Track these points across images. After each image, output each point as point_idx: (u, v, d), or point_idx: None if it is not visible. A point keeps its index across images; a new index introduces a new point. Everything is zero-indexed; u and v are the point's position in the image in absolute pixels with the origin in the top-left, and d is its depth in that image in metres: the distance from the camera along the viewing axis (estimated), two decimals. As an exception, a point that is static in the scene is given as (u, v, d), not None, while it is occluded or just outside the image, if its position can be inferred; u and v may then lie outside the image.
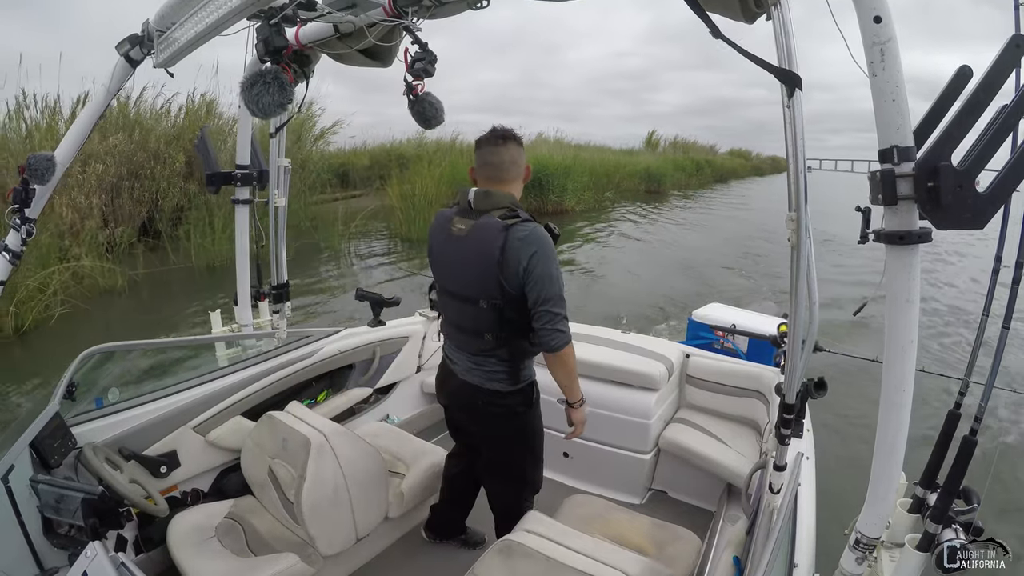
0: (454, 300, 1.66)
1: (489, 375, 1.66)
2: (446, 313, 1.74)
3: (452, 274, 1.66)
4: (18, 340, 5.23)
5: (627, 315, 3.63)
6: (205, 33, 1.37)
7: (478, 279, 1.55)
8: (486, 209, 1.56)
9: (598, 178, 16.01)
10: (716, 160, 31.55)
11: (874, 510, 1.13)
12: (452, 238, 1.60)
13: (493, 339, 1.60)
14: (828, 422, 3.59)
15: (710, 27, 1.09)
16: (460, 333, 1.69)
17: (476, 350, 1.66)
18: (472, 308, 1.58)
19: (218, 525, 1.81)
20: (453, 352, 1.76)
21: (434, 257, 1.72)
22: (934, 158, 0.92)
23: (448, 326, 1.75)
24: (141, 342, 2.08)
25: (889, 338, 1.02)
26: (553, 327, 1.52)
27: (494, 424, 1.73)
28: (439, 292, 1.74)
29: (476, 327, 1.61)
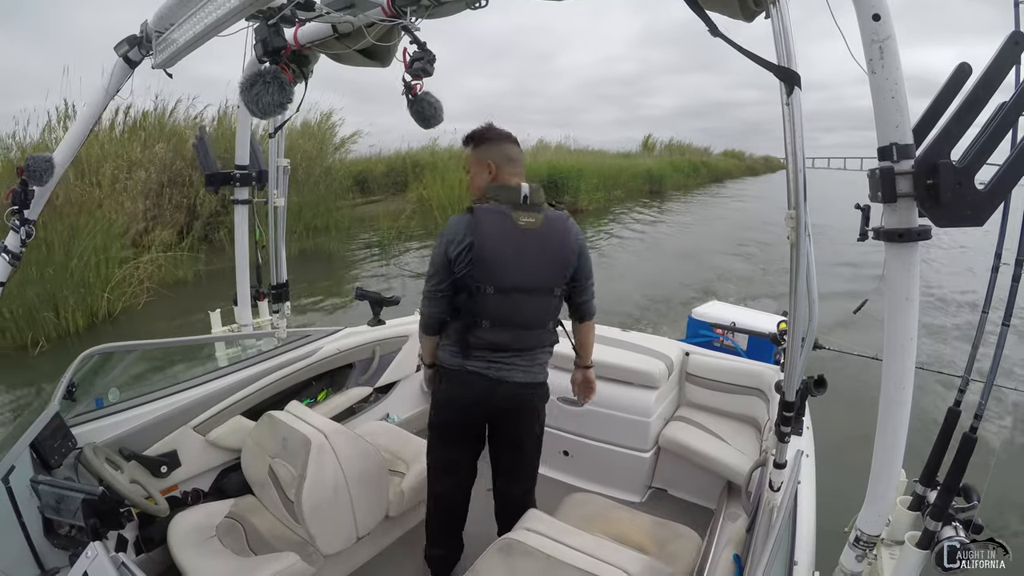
0: (522, 294, 1.60)
1: (541, 367, 1.74)
2: (505, 314, 1.61)
3: (526, 268, 1.59)
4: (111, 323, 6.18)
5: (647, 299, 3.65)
6: (204, 34, 1.37)
7: (558, 268, 1.63)
8: (540, 202, 1.63)
9: (606, 180, 17.05)
10: (711, 161, 32.42)
11: (874, 508, 1.13)
12: (522, 232, 1.58)
13: (551, 327, 1.70)
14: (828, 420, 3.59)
15: (709, 26, 1.09)
16: (525, 331, 1.65)
17: (539, 343, 1.68)
18: (546, 299, 1.63)
19: (219, 525, 1.81)
20: (496, 360, 1.65)
21: (491, 255, 1.57)
22: (933, 155, 0.92)
23: (505, 331, 1.62)
24: (141, 342, 2.09)
25: (889, 335, 1.02)
26: (593, 297, 1.76)
27: (537, 417, 1.79)
28: (492, 295, 1.58)
29: (545, 317, 1.66)
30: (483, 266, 1.57)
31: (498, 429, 1.80)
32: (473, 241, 1.56)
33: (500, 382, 1.66)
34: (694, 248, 11.25)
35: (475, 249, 1.56)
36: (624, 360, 2.48)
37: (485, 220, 1.58)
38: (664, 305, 7.11)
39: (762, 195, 22.00)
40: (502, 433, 1.81)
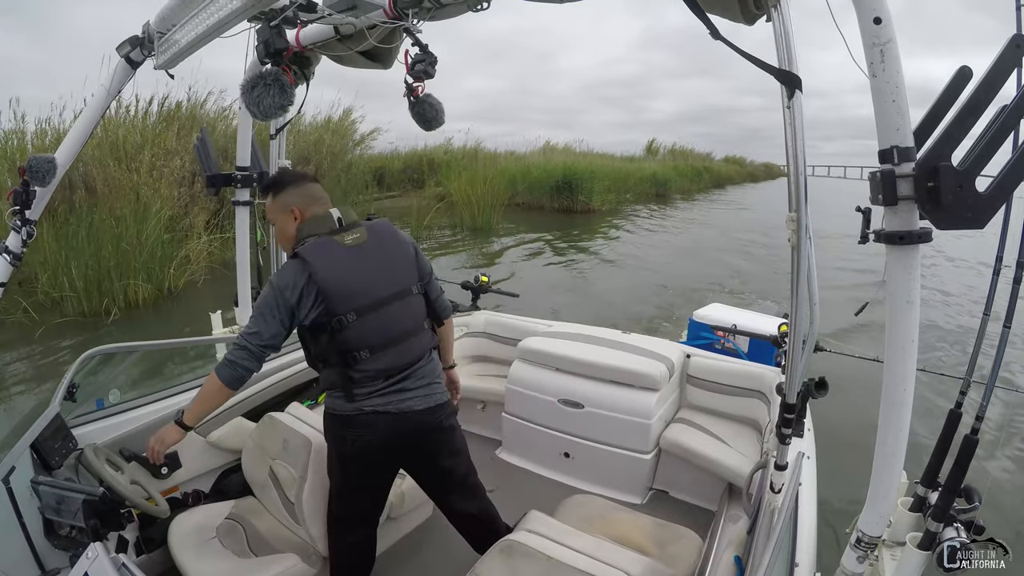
0: (389, 305, 1.54)
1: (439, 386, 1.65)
2: (380, 333, 1.53)
3: (375, 279, 1.53)
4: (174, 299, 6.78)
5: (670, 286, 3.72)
6: (206, 35, 1.37)
7: (404, 266, 1.62)
8: (355, 220, 1.62)
9: (616, 182, 17.54)
10: (713, 167, 32.60)
11: (875, 509, 1.13)
12: (352, 250, 1.52)
13: (428, 326, 1.68)
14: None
15: (710, 29, 1.09)
16: (407, 344, 1.56)
17: (423, 349, 1.61)
18: (409, 300, 1.61)
19: (219, 526, 1.81)
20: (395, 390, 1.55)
21: (334, 283, 1.47)
22: (934, 158, 0.92)
23: (387, 352, 1.53)
24: (142, 343, 2.08)
25: (890, 338, 1.02)
26: (443, 293, 1.77)
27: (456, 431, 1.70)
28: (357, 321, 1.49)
29: (418, 319, 1.63)
30: (333, 297, 1.47)
31: (417, 463, 1.70)
32: (311, 278, 1.45)
33: (402, 415, 1.54)
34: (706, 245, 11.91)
35: (318, 285, 1.45)
36: (625, 362, 2.49)
37: (314, 255, 1.48)
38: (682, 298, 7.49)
39: (766, 201, 22.18)
40: (423, 466, 1.70)
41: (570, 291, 8.01)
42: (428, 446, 1.65)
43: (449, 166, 14.33)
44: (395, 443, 1.58)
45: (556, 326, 3.01)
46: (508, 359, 2.83)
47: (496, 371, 3.04)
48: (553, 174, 15.07)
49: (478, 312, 3.28)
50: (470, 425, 3.12)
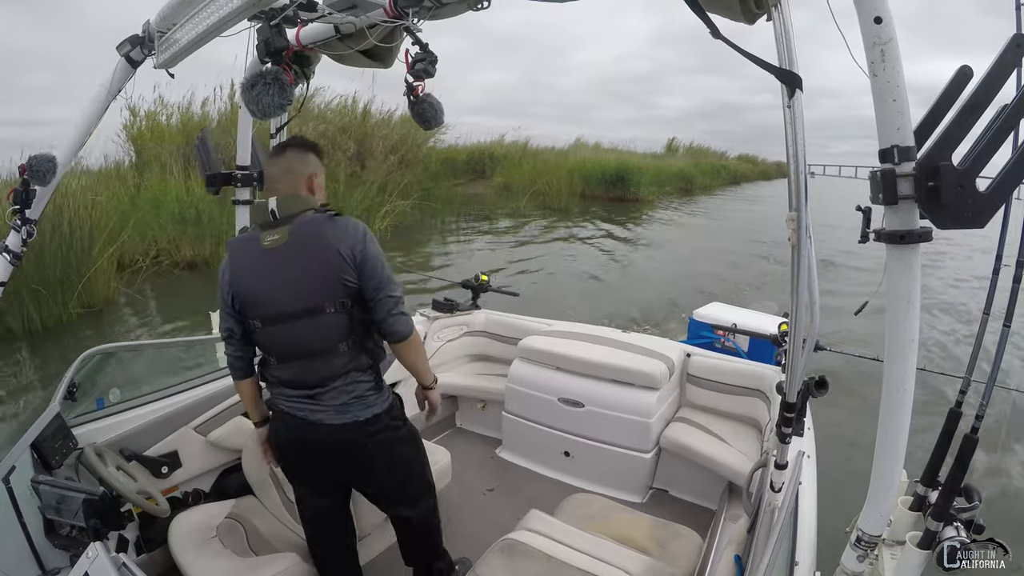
0: (295, 321, 1.39)
1: (359, 401, 1.45)
2: (284, 347, 1.44)
3: (283, 291, 1.39)
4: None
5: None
6: (206, 34, 1.37)
7: (318, 281, 1.36)
8: (296, 212, 1.40)
9: (655, 177, 20.49)
10: (729, 165, 34.29)
11: (875, 508, 1.13)
12: (266, 254, 1.38)
13: (349, 348, 1.41)
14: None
15: (710, 28, 1.09)
16: (312, 361, 1.42)
17: (337, 371, 1.42)
18: (318, 319, 1.38)
19: (219, 525, 1.81)
20: (302, 401, 1.46)
21: (243, 290, 1.43)
22: (935, 158, 0.92)
23: (291, 366, 1.45)
24: (141, 342, 2.08)
25: (890, 337, 1.02)
26: (397, 313, 1.42)
27: (386, 454, 1.52)
28: (264, 329, 1.43)
29: (329, 341, 1.40)
30: (242, 300, 1.44)
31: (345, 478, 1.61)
32: (225, 277, 1.44)
33: (313, 424, 1.45)
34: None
35: (232, 285, 1.44)
36: (625, 361, 2.49)
37: (234, 252, 1.46)
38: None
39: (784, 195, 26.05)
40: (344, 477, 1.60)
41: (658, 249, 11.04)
42: (350, 460, 1.51)
43: (507, 159, 17.31)
44: (308, 448, 1.49)
45: (556, 325, 3.01)
46: (508, 358, 2.83)
47: (496, 370, 3.04)
48: (607, 169, 17.91)
49: (478, 311, 3.28)
50: (470, 424, 3.13)
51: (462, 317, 3.20)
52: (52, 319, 5.52)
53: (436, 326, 3.07)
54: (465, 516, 2.33)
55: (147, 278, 6.85)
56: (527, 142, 18.96)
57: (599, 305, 7.03)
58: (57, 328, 5.52)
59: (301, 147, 1.51)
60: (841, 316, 4.05)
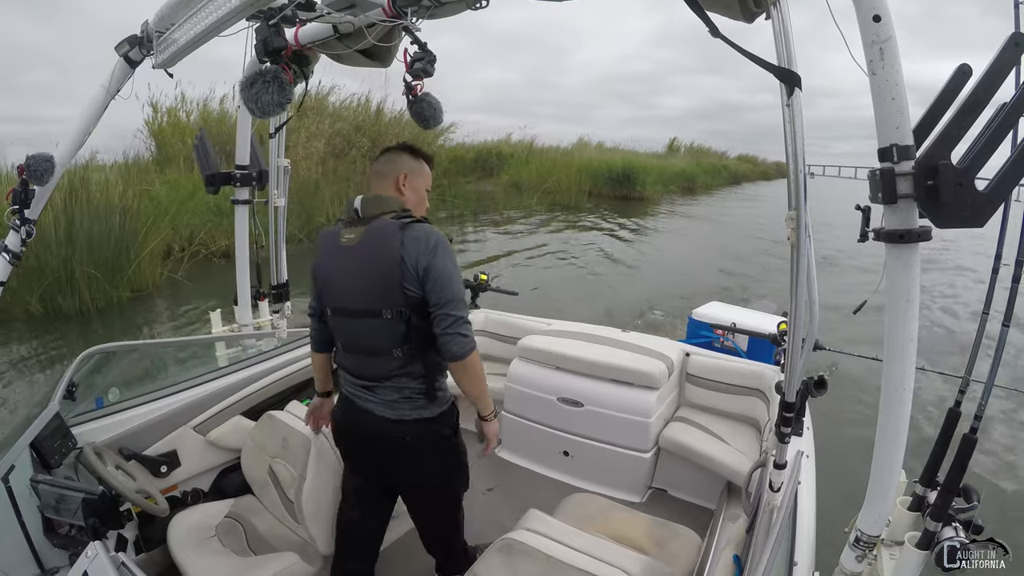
0: (355, 319, 1.48)
1: (408, 401, 1.49)
2: (346, 339, 1.54)
3: (349, 288, 1.47)
4: None
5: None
6: (204, 34, 1.37)
7: (379, 288, 1.41)
8: (376, 214, 1.46)
9: (659, 176, 21.18)
10: (730, 165, 34.82)
11: (874, 508, 1.13)
12: (343, 252, 1.46)
13: (403, 355, 1.44)
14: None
15: (709, 27, 1.09)
16: (369, 358, 1.49)
17: (389, 372, 1.47)
18: (375, 322, 1.43)
19: (218, 524, 1.81)
20: (359, 389, 1.54)
21: (322, 277, 1.53)
22: (934, 156, 0.92)
23: (351, 356, 1.54)
24: (141, 342, 2.08)
25: (889, 336, 1.02)
26: (456, 331, 1.40)
27: (423, 458, 1.55)
28: (332, 317, 1.54)
29: (383, 344, 1.45)
30: (320, 287, 1.55)
31: (380, 468, 1.61)
32: (315, 263, 1.55)
33: (364, 412, 1.52)
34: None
35: (315, 270, 1.55)
36: (624, 361, 2.49)
37: (321, 241, 1.55)
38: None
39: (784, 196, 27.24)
40: (386, 474, 1.62)
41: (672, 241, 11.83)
42: (389, 454, 1.54)
43: (513, 157, 17.83)
44: (357, 432, 1.58)
45: (556, 324, 3.01)
46: (508, 357, 2.83)
47: (495, 369, 3.04)
48: (614, 168, 18.49)
49: (478, 311, 3.28)
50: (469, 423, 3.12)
51: None
52: (104, 301, 6.04)
53: None
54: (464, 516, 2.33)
55: (187, 265, 7.48)
56: (532, 141, 19.48)
57: (623, 291, 7.76)
58: (108, 309, 6.04)
59: (397, 149, 1.59)
60: (838, 313, 4.06)
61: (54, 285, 5.79)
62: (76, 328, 5.69)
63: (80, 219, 6.11)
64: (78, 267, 5.82)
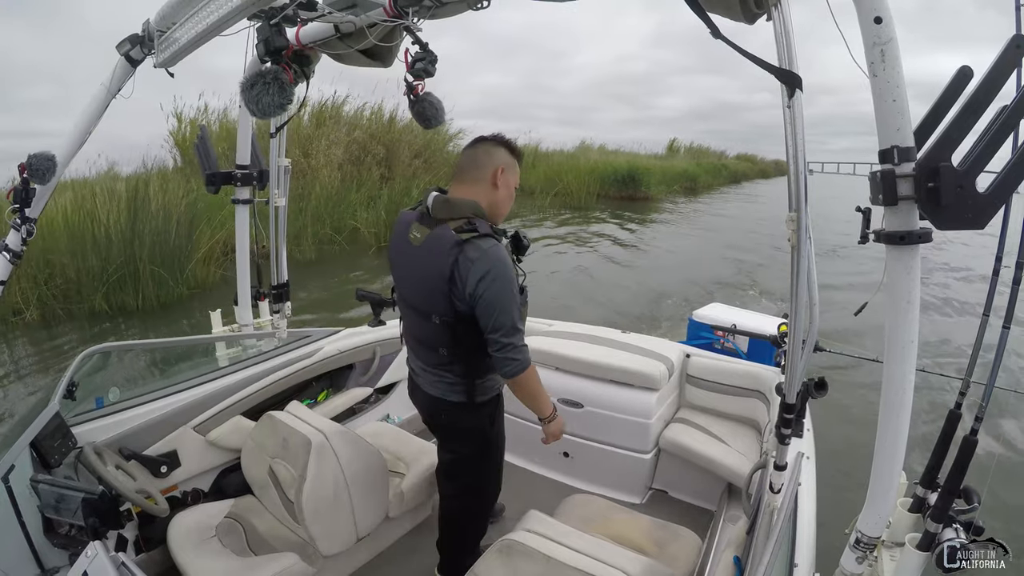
0: (410, 310, 1.60)
1: (449, 387, 1.60)
2: (405, 322, 1.68)
3: (408, 284, 1.60)
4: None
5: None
6: (206, 33, 1.37)
7: (429, 294, 1.47)
8: (444, 218, 1.47)
9: (662, 177, 21.72)
10: (729, 164, 35.33)
11: (875, 509, 1.13)
12: (408, 247, 1.53)
13: (448, 354, 1.53)
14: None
15: (710, 28, 1.09)
16: (419, 345, 1.64)
17: (434, 363, 1.60)
18: (426, 322, 1.52)
19: (218, 525, 1.81)
20: (414, 362, 1.71)
21: (393, 262, 1.65)
22: (934, 158, 0.92)
23: (408, 336, 1.70)
24: (141, 342, 2.08)
25: (889, 338, 1.02)
26: (505, 355, 1.45)
27: (455, 437, 1.73)
28: (399, 298, 1.68)
29: (431, 341, 1.56)
30: (392, 270, 1.67)
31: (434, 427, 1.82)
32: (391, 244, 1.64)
33: (417, 387, 1.71)
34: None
35: (389, 249, 1.66)
36: (624, 362, 2.49)
37: (396, 227, 1.62)
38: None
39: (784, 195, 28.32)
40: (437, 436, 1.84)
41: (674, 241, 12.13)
42: (430, 419, 1.75)
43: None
44: (416, 399, 1.76)
45: (556, 325, 3.01)
46: None
47: None
48: (619, 170, 19.02)
49: None
50: None
51: None
52: (166, 298, 6.52)
53: None
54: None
55: (230, 268, 8.01)
56: (537, 146, 19.98)
57: (649, 276, 8.52)
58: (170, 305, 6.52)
59: (494, 141, 1.60)
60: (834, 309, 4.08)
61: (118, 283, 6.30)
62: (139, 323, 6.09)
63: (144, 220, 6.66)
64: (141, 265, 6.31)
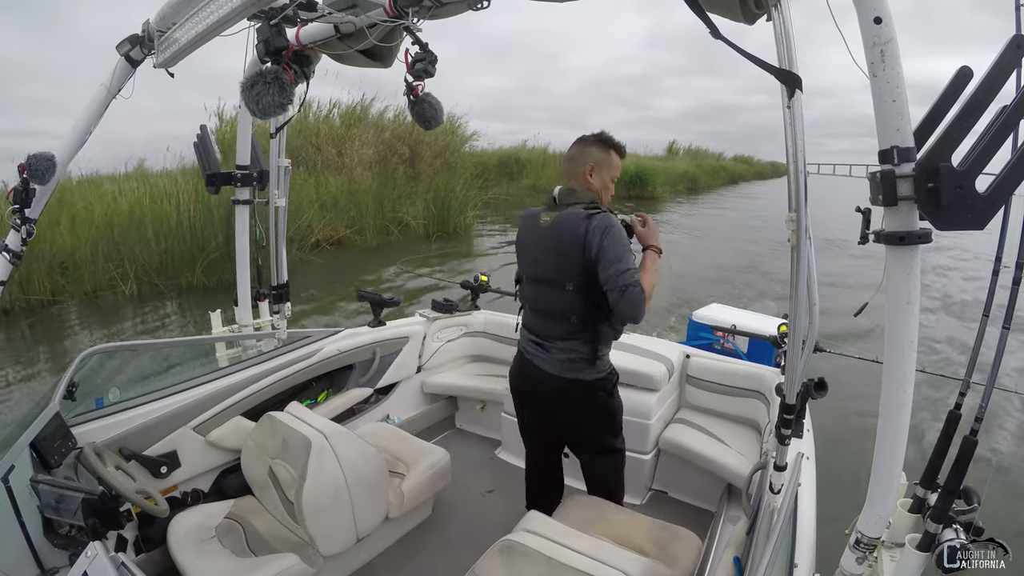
0: (542, 286, 1.79)
1: (572, 364, 1.76)
2: (533, 302, 1.86)
3: (541, 261, 1.78)
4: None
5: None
6: (206, 33, 1.37)
7: (565, 262, 1.69)
8: (569, 203, 1.74)
9: (666, 178, 23.31)
10: (727, 165, 36.51)
11: (875, 510, 1.13)
12: (539, 230, 1.77)
13: (578, 322, 1.72)
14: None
15: (710, 28, 1.09)
16: (548, 320, 1.79)
17: (564, 334, 1.75)
18: (559, 292, 1.72)
19: (218, 525, 1.81)
20: (534, 346, 1.85)
21: (521, 248, 1.88)
22: (934, 159, 0.92)
23: (534, 316, 1.86)
24: (141, 342, 2.08)
25: (889, 339, 1.02)
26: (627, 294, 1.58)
27: (579, 409, 1.84)
28: (525, 282, 1.88)
29: (563, 310, 1.74)
30: (519, 258, 1.89)
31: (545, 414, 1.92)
32: (517, 235, 1.89)
33: (535, 367, 1.83)
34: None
35: (516, 242, 1.90)
36: (624, 362, 2.48)
37: (523, 220, 1.88)
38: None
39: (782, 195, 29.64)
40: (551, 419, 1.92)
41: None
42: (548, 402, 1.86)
43: (531, 163, 19.49)
44: (527, 379, 1.88)
45: None
46: (507, 359, 2.82)
47: (496, 371, 3.04)
48: (627, 170, 19.24)
49: (478, 312, 3.28)
50: (470, 425, 3.13)
51: (461, 318, 3.19)
52: None
53: (435, 327, 3.07)
54: (464, 517, 2.33)
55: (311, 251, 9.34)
56: (546, 147, 21.14)
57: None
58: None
59: (589, 140, 1.81)
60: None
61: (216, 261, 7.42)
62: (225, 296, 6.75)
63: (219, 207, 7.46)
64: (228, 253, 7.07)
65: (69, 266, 7.04)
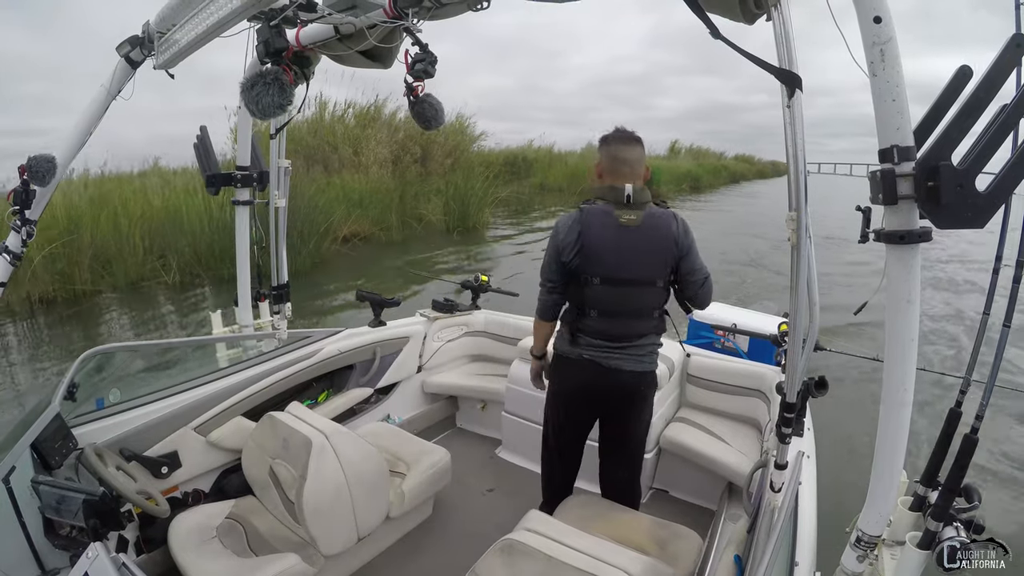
0: (627, 287, 1.76)
1: (651, 356, 1.83)
2: (609, 305, 1.78)
3: (627, 261, 1.74)
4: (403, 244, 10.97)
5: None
6: (206, 34, 1.37)
7: (658, 262, 1.74)
8: (644, 201, 1.75)
9: (670, 177, 23.19)
10: (729, 165, 36.41)
11: (875, 508, 1.13)
12: (624, 231, 1.73)
13: (659, 315, 1.81)
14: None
15: (710, 28, 1.09)
16: (629, 319, 1.78)
17: (647, 330, 1.80)
18: (649, 289, 1.76)
19: (219, 525, 1.81)
20: (609, 350, 1.80)
21: (596, 250, 1.75)
22: (934, 157, 0.92)
23: (609, 320, 1.79)
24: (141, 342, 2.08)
25: (890, 337, 1.02)
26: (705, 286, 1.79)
27: (643, 404, 1.90)
28: (598, 286, 1.77)
29: (649, 306, 1.78)
30: (589, 259, 1.75)
31: (609, 415, 1.93)
32: (581, 236, 1.74)
33: (612, 370, 1.79)
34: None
35: (583, 244, 1.74)
36: None
37: (590, 218, 1.76)
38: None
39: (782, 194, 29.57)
40: (612, 419, 1.93)
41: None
42: (620, 402, 1.88)
43: (537, 162, 19.75)
44: (597, 389, 1.85)
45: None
46: (508, 358, 2.83)
47: (496, 370, 3.04)
48: None
49: (478, 311, 3.28)
50: (470, 424, 3.13)
51: (462, 317, 3.20)
52: (296, 268, 7.22)
53: (436, 326, 3.07)
54: (465, 516, 2.33)
55: (342, 246, 9.81)
56: (551, 147, 21.44)
57: None
58: (298, 274, 7.08)
59: (636, 141, 1.81)
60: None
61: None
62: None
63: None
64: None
65: (112, 258, 7.52)
